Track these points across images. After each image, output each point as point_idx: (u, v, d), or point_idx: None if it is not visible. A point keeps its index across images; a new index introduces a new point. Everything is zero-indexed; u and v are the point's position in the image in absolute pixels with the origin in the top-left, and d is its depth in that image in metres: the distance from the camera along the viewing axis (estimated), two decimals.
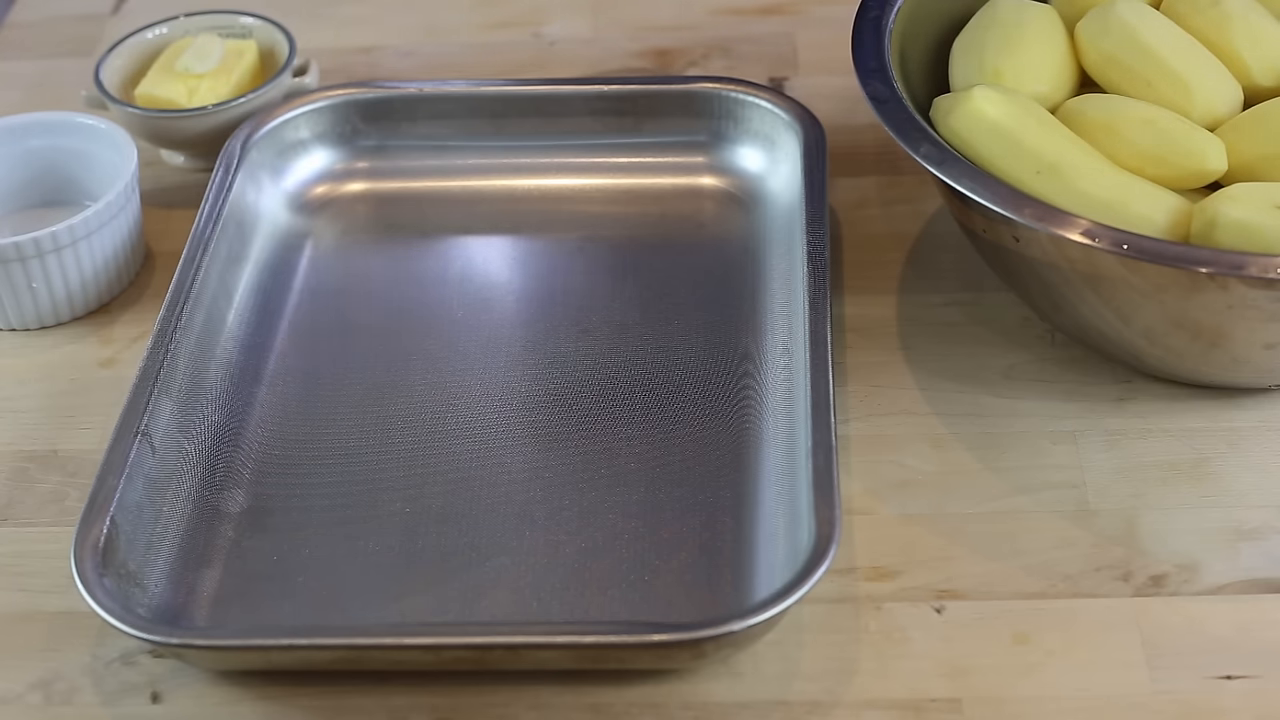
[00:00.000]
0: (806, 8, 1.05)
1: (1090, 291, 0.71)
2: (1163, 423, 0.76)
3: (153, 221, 0.90)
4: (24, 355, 0.83)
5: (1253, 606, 0.68)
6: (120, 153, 0.85)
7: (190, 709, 0.67)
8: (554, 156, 0.90)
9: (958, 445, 0.76)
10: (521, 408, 0.78)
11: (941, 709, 0.65)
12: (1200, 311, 0.69)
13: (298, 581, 0.71)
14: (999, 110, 0.74)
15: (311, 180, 0.90)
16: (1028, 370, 0.79)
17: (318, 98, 0.90)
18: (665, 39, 1.03)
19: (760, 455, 0.74)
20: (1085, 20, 0.80)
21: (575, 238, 0.87)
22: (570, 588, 0.70)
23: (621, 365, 0.79)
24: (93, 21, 1.08)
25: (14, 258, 0.81)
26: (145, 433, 0.72)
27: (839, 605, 0.69)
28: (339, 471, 0.75)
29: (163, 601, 0.69)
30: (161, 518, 0.72)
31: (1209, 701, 0.65)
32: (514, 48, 1.04)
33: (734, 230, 0.87)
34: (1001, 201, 0.70)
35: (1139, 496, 0.73)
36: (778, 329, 0.79)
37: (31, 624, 0.70)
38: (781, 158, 0.87)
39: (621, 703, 0.66)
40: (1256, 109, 0.75)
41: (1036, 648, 0.67)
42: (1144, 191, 0.73)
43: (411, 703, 0.67)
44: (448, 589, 0.70)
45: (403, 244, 0.88)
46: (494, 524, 0.72)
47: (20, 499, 0.76)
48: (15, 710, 0.67)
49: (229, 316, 0.82)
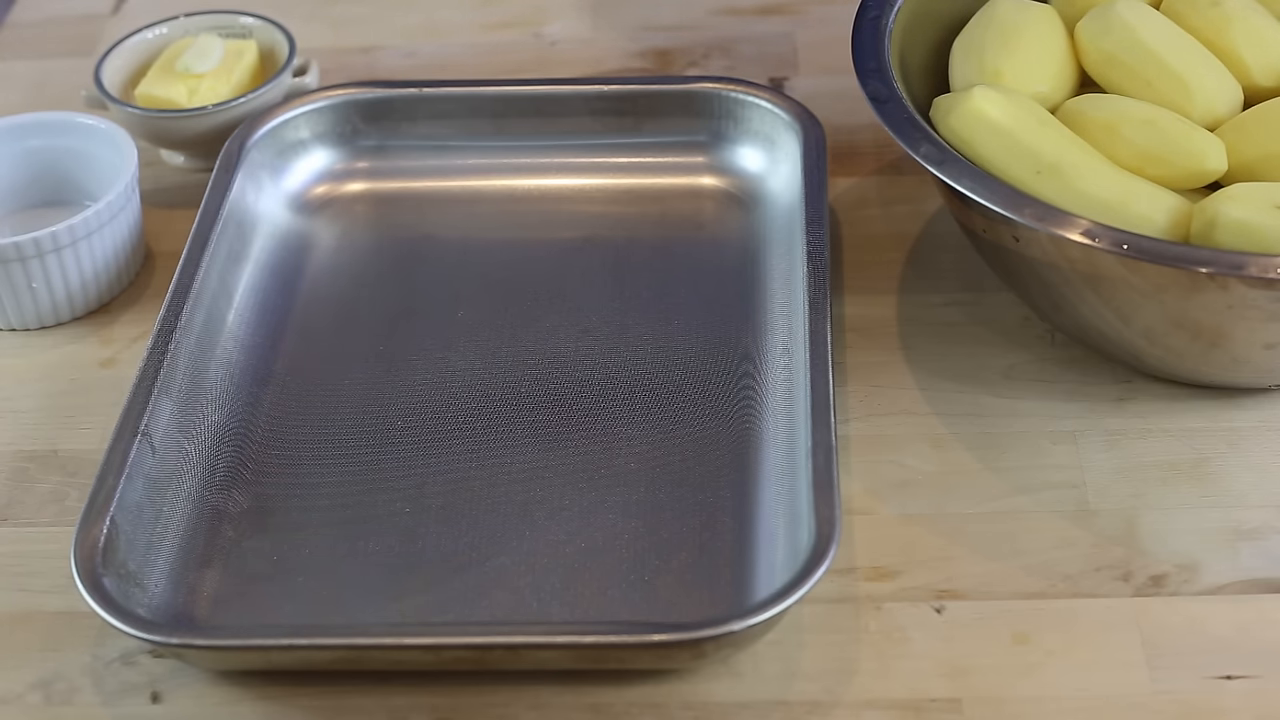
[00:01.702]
0: (806, 8, 1.05)
1: (1090, 291, 0.71)
2: (1163, 423, 0.76)
3: (153, 221, 0.89)
4: (24, 355, 0.83)
5: (1253, 606, 0.68)
6: (120, 153, 0.85)
7: (190, 709, 0.67)
8: (554, 156, 0.90)
9: (958, 445, 0.76)
10: (521, 408, 0.78)
11: (941, 709, 0.65)
12: (1200, 311, 0.69)
13: (298, 581, 0.71)
14: (999, 110, 0.74)
15: (311, 180, 0.90)
16: (1028, 370, 0.79)
17: (318, 98, 0.90)
18: (665, 39, 1.03)
19: (760, 455, 0.74)
20: (1085, 20, 0.80)
21: (575, 238, 0.87)
22: (570, 588, 0.70)
23: (621, 365, 0.79)
24: (93, 21, 1.08)
25: (14, 258, 0.81)
26: (145, 433, 0.72)
27: (839, 605, 0.69)
28: (339, 471, 0.75)
29: (163, 601, 0.69)
30: (161, 518, 0.72)
31: (1209, 701, 0.65)
32: (514, 48, 1.04)
33: (734, 230, 0.87)
34: (1001, 201, 0.70)
35: (1139, 496, 0.73)
36: (778, 329, 0.79)
37: (31, 624, 0.70)
38: (781, 158, 0.87)
39: (621, 703, 0.66)
40: (1256, 109, 0.75)
41: (1036, 648, 0.67)
42: (1144, 191, 0.73)
43: (411, 703, 0.67)
44: (448, 589, 0.70)
45: (403, 244, 0.88)
46: (494, 524, 0.72)
47: (20, 499, 0.76)
48: (15, 710, 0.67)
49: (229, 316, 0.82)
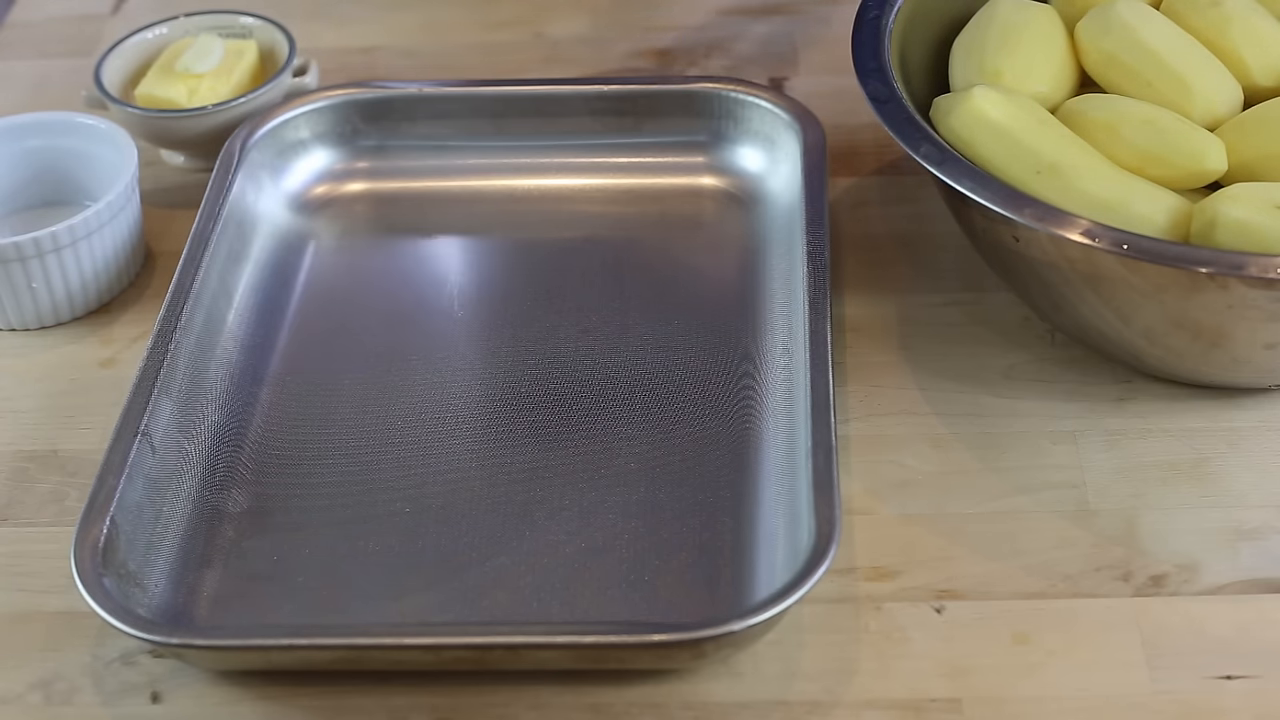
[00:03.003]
0: (806, 8, 1.05)
1: (1090, 291, 0.71)
2: (1163, 423, 0.76)
3: (153, 221, 0.89)
4: (24, 355, 0.83)
5: (1253, 606, 0.68)
6: (120, 153, 0.85)
7: (190, 709, 0.67)
8: (554, 156, 0.90)
9: (958, 445, 0.76)
10: (521, 407, 0.78)
11: (941, 709, 0.65)
12: (1200, 311, 0.69)
13: (298, 581, 0.71)
14: (999, 110, 0.74)
15: (311, 180, 0.90)
16: (1028, 370, 0.79)
17: (318, 98, 0.90)
18: (665, 39, 1.03)
19: (760, 455, 0.74)
20: (1085, 20, 0.80)
21: (575, 238, 0.87)
22: (570, 588, 0.70)
23: (621, 365, 0.79)
24: (93, 21, 1.08)
25: (14, 258, 0.81)
26: (145, 433, 0.72)
27: (839, 605, 0.69)
28: (339, 471, 0.75)
29: (163, 601, 0.69)
30: (161, 518, 0.72)
31: (1209, 701, 0.65)
32: (514, 48, 1.04)
33: (734, 230, 0.87)
34: (1001, 201, 0.70)
35: (1139, 496, 0.73)
36: (778, 329, 0.79)
37: (31, 624, 0.70)
38: (781, 158, 0.87)
39: (621, 703, 0.66)
40: (1257, 109, 0.75)
41: (1036, 648, 0.67)
42: (1144, 191, 0.73)
43: (411, 703, 0.67)
44: (448, 589, 0.70)
45: (403, 244, 0.88)
46: (494, 524, 0.72)
47: (20, 499, 0.76)
48: (15, 710, 0.67)
49: (229, 316, 0.82)
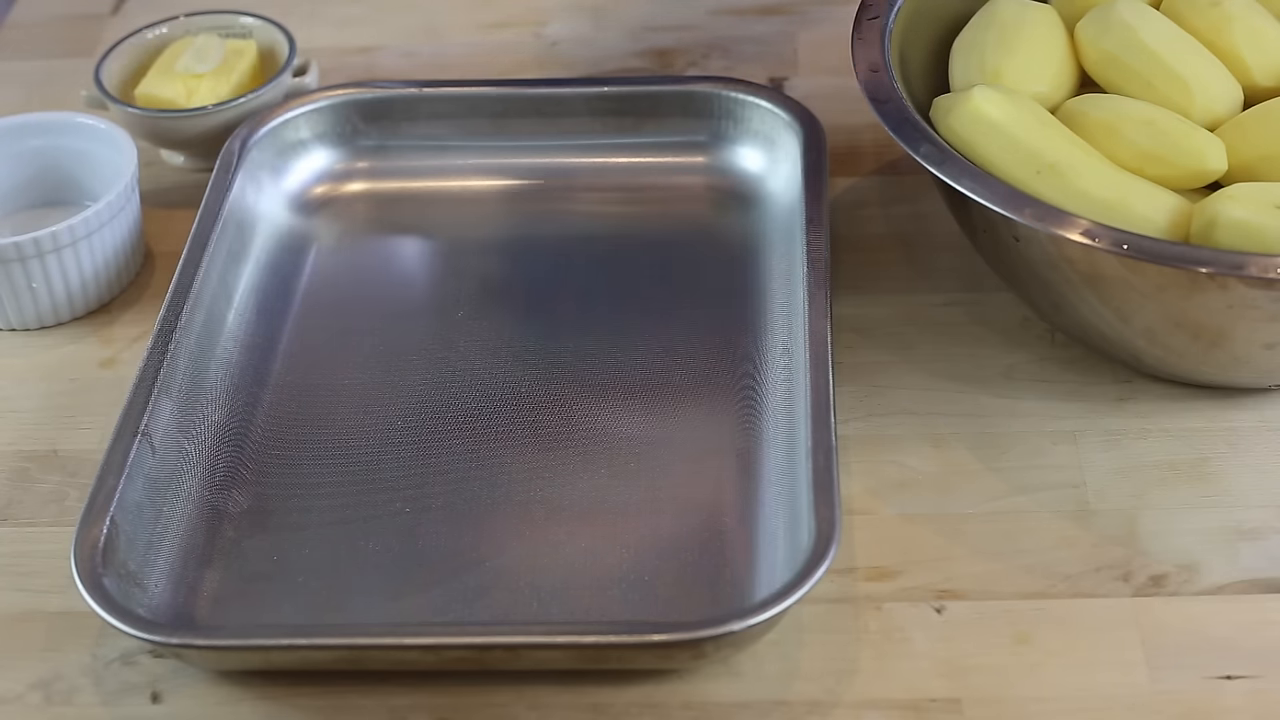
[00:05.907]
0: (806, 8, 1.05)
1: (1090, 291, 0.71)
2: (1163, 423, 0.76)
3: (153, 221, 0.89)
4: (24, 355, 0.83)
5: (1253, 606, 0.68)
6: (120, 153, 0.85)
7: (190, 709, 0.67)
8: (554, 157, 0.90)
9: (958, 445, 0.76)
10: (521, 408, 0.77)
11: (941, 709, 0.65)
12: (1200, 311, 0.69)
13: (298, 581, 0.71)
14: (999, 110, 0.74)
15: (311, 180, 0.90)
16: (1028, 370, 0.79)
17: (318, 98, 0.90)
18: (665, 39, 1.03)
19: (760, 455, 0.74)
20: (1085, 20, 0.80)
21: (575, 238, 0.87)
22: (570, 588, 0.70)
23: (621, 365, 0.79)
24: (93, 21, 1.08)
25: (14, 258, 0.81)
26: (145, 433, 0.72)
27: (839, 605, 0.69)
28: (339, 471, 0.75)
29: (163, 601, 0.69)
30: (161, 518, 0.72)
31: (1209, 701, 0.65)
32: (514, 48, 1.04)
33: (734, 230, 0.86)
34: (1001, 201, 0.70)
35: (1139, 496, 0.73)
36: (778, 329, 0.79)
37: (31, 624, 0.70)
38: (781, 158, 0.87)
39: (621, 703, 0.66)
40: (1257, 109, 0.75)
41: (1036, 648, 0.67)
42: (1144, 191, 0.73)
43: (411, 703, 0.67)
44: (448, 589, 0.70)
45: (403, 244, 0.88)
46: (494, 524, 0.72)
47: (20, 499, 0.76)
48: (15, 710, 0.67)
49: (229, 316, 0.82)
